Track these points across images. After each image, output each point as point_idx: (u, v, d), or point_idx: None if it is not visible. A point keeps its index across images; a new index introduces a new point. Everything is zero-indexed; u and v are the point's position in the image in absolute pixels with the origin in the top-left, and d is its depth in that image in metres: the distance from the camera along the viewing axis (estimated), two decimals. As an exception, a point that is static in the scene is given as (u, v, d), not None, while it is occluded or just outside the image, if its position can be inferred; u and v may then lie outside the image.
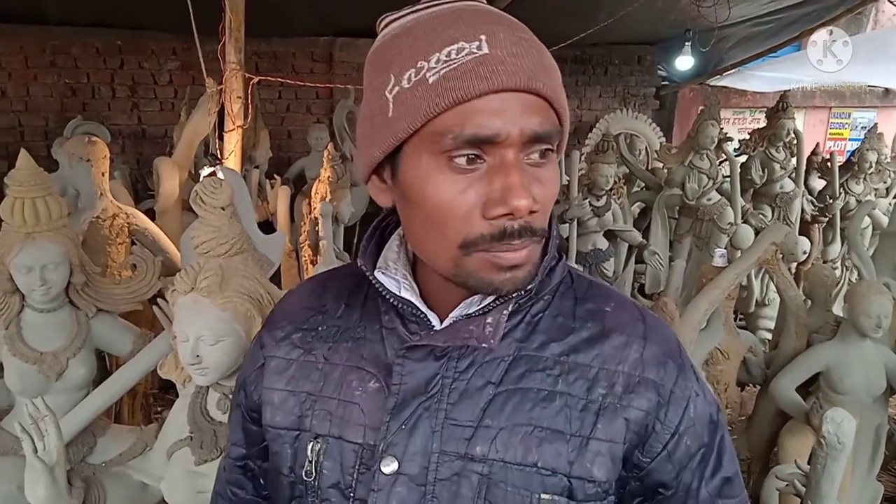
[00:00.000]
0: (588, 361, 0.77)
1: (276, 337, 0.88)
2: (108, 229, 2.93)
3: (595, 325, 0.79)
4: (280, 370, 0.86)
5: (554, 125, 0.70)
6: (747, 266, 2.73)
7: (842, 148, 8.69)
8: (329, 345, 0.83)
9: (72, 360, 2.06)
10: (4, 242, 1.94)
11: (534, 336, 0.78)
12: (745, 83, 7.31)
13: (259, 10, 3.51)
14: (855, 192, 5.05)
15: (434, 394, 0.76)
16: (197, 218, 1.54)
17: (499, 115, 0.66)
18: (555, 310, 0.80)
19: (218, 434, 1.55)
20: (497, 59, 0.66)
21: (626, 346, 0.78)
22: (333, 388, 0.81)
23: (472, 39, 0.67)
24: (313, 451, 0.80)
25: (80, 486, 1.75)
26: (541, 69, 0.68)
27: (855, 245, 3.17)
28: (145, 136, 5.76)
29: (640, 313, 0.82)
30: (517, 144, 0.67)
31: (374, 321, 0.82)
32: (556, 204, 4.03)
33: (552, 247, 0.79)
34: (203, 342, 1.42)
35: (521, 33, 0.69)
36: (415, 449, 0.75)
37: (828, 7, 5.67)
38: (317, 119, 6.05)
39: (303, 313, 0.88)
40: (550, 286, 0.80)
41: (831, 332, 2.64)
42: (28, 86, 5.35)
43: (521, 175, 0.67)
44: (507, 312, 0.76)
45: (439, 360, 0.76)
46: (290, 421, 0.83)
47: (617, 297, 0.83)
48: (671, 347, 0.80)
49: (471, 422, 0.75)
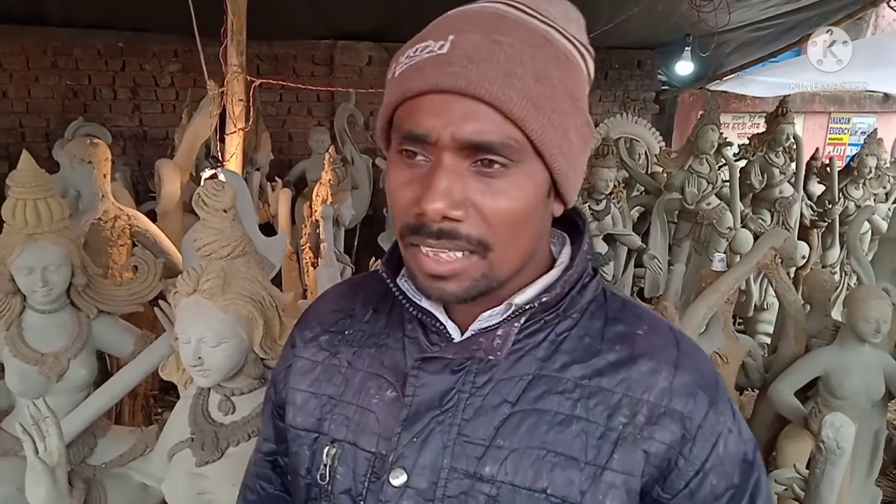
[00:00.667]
0: (611, 387, 0.72)
1: (304, 337, 0.89)
2: (109, 231, 2.93)
3: (623, 348, 0.74)
4: (305, 371, 0.86)
5: (504, 136, 0.65)
6: (746, 270, 2.74)
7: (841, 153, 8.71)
8: (354, 349, 0.83)
9: (73, 361, 2.06)
10: (6, 244, 1.94)
11: (556, 356, 0.74)
12: (744, 88, 7.32)
13: (261, 12, 3.52)
14: (854, 197, 5.06)
15: (449, 408, 0.74)
16: (198, 220, 1.54)
17: (435, 115, 0.65)
18: (582, 329, 0.76)
19: (219, 436, 1.56)
20: (447, 60, 0.65)
21: (654, 373, 0.73)
22: (353, 394, 0.80)
23: (440, 39, 0.67)
24: (329, 456, 0.80)
25: (80, 487, 1.75)
26: (497, 75, 0.64)
27: (854, 250, 3.18)
28: (147, 137, 5.76)
29: (676, 339, 0.77)
30: (451, 148, 0.65)
31: (398, 329, 0.81)
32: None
33: (580, 261, 0.76)
34: (205, 344, 1.43)
35: (499, 36, 0.66)
36: (424, 463, 0.73)
37: (828, 12, 5.68)
38: (318, 122, 6.05)
39: (333, 315, 0.88)
40: (580, 304, 0.77)
41: (830, 337, 2.64)
42: (29, 87, 5.35)
43: (447, 179, 0.65)
44: (518, 325, 0.74)
45: (456, 373, 0.75)
46: (311, 423, 0.83)
47: (651, 320, 0.78)
48: (705, 378, 0.75)
49: (483, 440, 0.72)
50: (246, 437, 1.55)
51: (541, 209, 0.71)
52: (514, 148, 0.66)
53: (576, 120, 0.70)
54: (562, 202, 0.75)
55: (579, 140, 0.71)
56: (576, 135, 0.70)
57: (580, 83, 0.71)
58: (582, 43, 0.72)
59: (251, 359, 1.52)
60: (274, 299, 1.55)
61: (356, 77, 6.12)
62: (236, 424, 1.56)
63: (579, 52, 0.71)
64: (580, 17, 0.74)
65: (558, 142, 0.68)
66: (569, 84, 0.68)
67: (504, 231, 0.68)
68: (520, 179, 0.67)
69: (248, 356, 1.51)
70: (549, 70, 0.67)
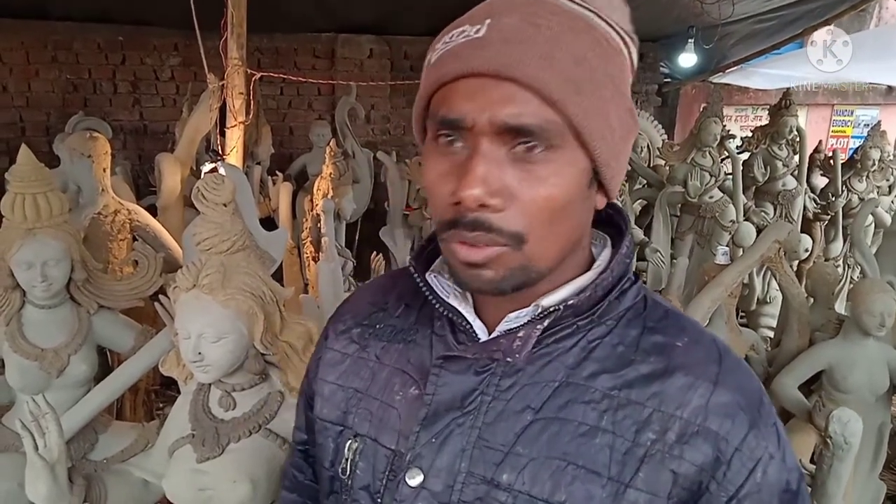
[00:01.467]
0: (642, 400, 0.68)
1: (337, 329, 0.88)
2: (109, 225, 2.92)
3: (659, 360, 0.70)
4: (334, 363, 0.86)
5: (542, 120, 0.63)
6: (750, 264, 2.72)
7: (844, 145, 8.69)
8: (383, 344, 0.82)
9: (73, 356, 2.05)
10: (5, 238, 1.93)
11: (586, 363, 0.71)
12: (747, 80, 7.29)
13: (261, 5, 3.50)
14: (858, 190, 5.05)
15: (470, 410, 0.72)
16: (198, 214, 1.53)
17: (470, 99, 0.64)
18: (616, 338, 0.72)
19: (219, 432, 1.55)
20: (483, 43, 0.63)
21: (689, 389, 0.68)
22: (378, 389, 0.80)
23: (477, 23, 0.65)
24: (350, 450, 0.79)
25: (81, 483, 1.74)
26: (534, 58, 0.62)
27: (858, 243, 3.16)
28: (147, 131, 5.75)
29: (719, 354, 0.72)
30: (488, 133, 0.63)
31: (427, 326, 0.80)
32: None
33: (617, 264, 0.73)
34: (205, 339, 1.42)
35: (538, 19, 0.64)
36: (441, 465, 0.71)
37: (831, 4, 5.65)
38: (319, 115, 6.03)
39: (367, 308, 0.88)
40: (617, 311, 0.73)
41: (834, 331, 2.63)
42: (29, 81, 5.34)
43: (484, 165, 0.63)
44: (540, 328, 0.71)
45: (480, 374, 0.72)
46: (336, 416, 0.83)
47: (694, 333, 0.74)
48: (748, 398, 0.69)
49: (502, 446, 0.70)
50: (247, 434, 1.54)
51: (581, 200, 0.69)
52: (553, 132, 0.63)
53: (617, 107, 0.67)
54: (604, 194, 0.72)
55: (621, 128, 0.68)
56: (618, 122, 0.67)
57: (622, 70, 0.69)
58: (625, 30, 0.70)
59: (252, 354, 1.51)
60: (274, 294, 1.54)
61: (357, 70, 6.10)
62: (237, 420, 1.56)
63: (622, 39, 0.69)
64: (624, 5, 0.71)
65: (599, 127, 0.65)
66: (610, 69, 0.66)
67: (541, 221, 0.66)
68: (560, 166, 0.65)
69: (248, 351, 1.50)
70: (589, 54, 0.65)
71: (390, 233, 4.43)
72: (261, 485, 1.51)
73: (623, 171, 0.72)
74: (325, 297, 2.56)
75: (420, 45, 6.34)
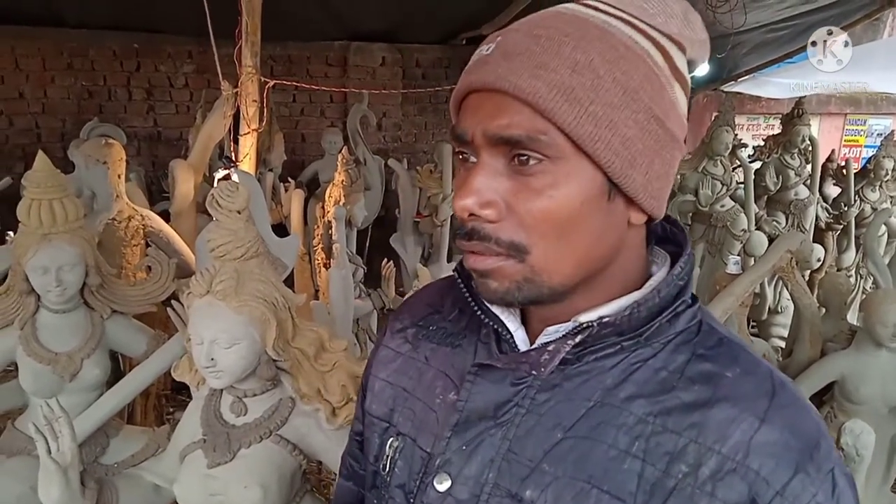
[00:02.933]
0: (679, 429, 0.64)
1: (394, 328, 0.90)
2: (123, 231, 2.94)
3: (704, 389, 0.65)
4: (387, 360, 0.87)
5: (532, 130, 0.62)
6: (761, 274, 2.71)
7: (857, 155, 8.64)
8: (433, 346, 0.83)
9: (86, 360, 2.07)
10: (21, 243, 1.95)
11: (624, 385, 0.68)
12: (759, 89, 7.26)
13: (275, 13, 3.52)
14: (870, 200, 5.01)
15: (503, 421, 0.71)
16: (211, 220, 1.55)
17: (471, 114, 0.66)
18: (661, 362, 0.68)
19: (231, 437, 1.55)
20: (486, 60, 0.65)
21: (732, 423, 0.63)
22: (423, 391, 0.81)
23: (491, 42, 0.67)
24: (392, 447, 0.80)
25: (93, 487, 1.75)
26: (527, 68, 0.62)
27: (871, 253, 3.14)
28: (161, 138, 5.79)
29: (773, 388, 0.66)
30: (485, 146, 0.65)
31: (475, 332, 0.80)
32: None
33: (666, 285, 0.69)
34: (218, 345, 1.43)
35: (540, 30, 0.63)
36: (469, 473, 0.71)
37: (844, 13, 5.62)
38: (331, 123, 6.07)
39: (424, 309, 0.89)
40: (667, 334, 0.69)
41: (846, 341, 2.61)
42: (45, 88, 5.39)
43: (480, 177, 0.65)
44: (571, 343, 0.68)
45: (516, 386, 0.71)
46: (383, 412, 0.84)
47: (748, 364, 0.68)
48: (801, 438, 0.63)
49: (530, 461, 0.68)
50: (258, 439, 1.54)
51: (595, 213, 0.65)
52: (544, 142, 0.62)
53: (633, 114, 0.63)
54: (639, 209, 0.68)
55: (643, 136, 0.64)
56: (636, 130, 0.64)
57: (644, 75, 0.64)
58: (668, 35, 0.67)
59: (264, 360, 1.52)
60: (287, 300, 1.55)
61: (369, 78, 6.13)
62: (248, 426, 1.56)
63: (654, 44, 0.66)
64: (688, 12, 0.68)
65: (604, 136, 0.62)
66: (620, 75, 0.63)
67: (542, 233, 0.64)
68: (558, 178, 0.63)
69: (260, 357, 1.51)
70: (593, 61, 0.62)
71: (401, 240, 4.44)
72: (271, 490, 1.52)
73: (661, 182, 0.68)
74: (335, 303, 2.57)
75: (431, 53, 6.37)
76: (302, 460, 1.61)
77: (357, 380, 1.61)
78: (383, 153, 5.41)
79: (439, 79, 6.37)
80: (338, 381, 1.57)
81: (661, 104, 0.65)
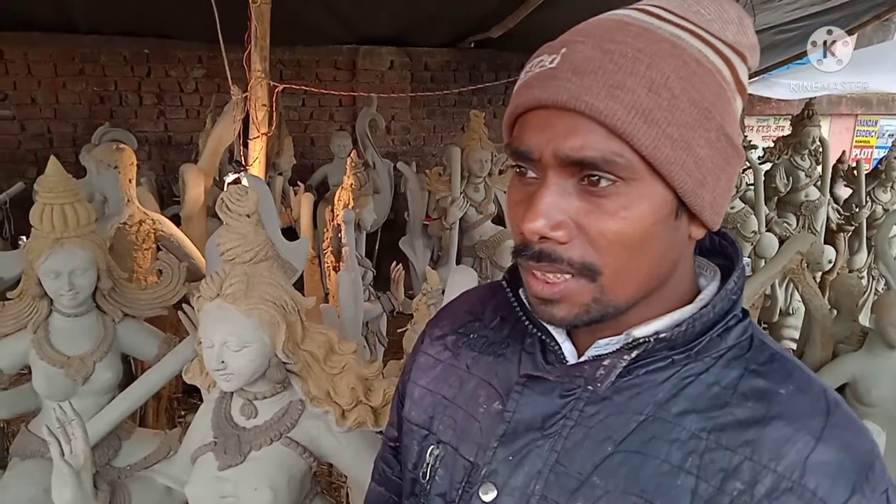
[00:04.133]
0: (733, 446, 0.63)
1: (433, 335, 0.89)
2: (134, 235, 2.96)
3: (758, 406, 0.65)
4: (427, 367, 0.87)
5: (607, 152, 0.60)
6: (772, 275, 2.70)
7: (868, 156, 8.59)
8: (474, 354, 0.83)
9: (98, 364, 2.09)
10: (34, 248, 1.97)
11: (676, 400, 0.67)
12: (769, 90, 7.25)
13: (284, 18, 3.54)
14: (882, 201, 4.98)
15: (551, 433, 0.70)
16: (221, 224, 1.56)
17: (538, 131, 0.63)
18: (713, 377, 0.67)
19: (241, 440, 1.56)
20: (553, 74, 0.62)
21: (787, 441, 0.62)
22: (464, 399, 0.80)
23: (553, 52, 0.64)
24: (432, 455, 0.80)
25: (105, 489, 1.77)
26: (602, 87, 0.60)
27: (883, 254, 3.12)
28: (171, 143, 5.82)
29: (827, 406, 0.65)
30: (555, 166, 0.62)
31: (518, 342, 0.79)
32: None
33: (720, 300, 0.68)
34: (228, 348, 1.44)
35: (611, 45, 0.61)
36: (516, 484, 0.70)
37: (854, 14, 5.60)
38: (340, 126, 6.08)
39: (464, 316, 0.88)
40: (718, 348, 0.68)
41: (857, 343, 2.60)
42: (57, 93, 5.43)
43: (549, 197, 0.62)
44: (627, 358, 0.68)
45: (564, 398, 0.71)
46: (423, 420, 0.83)
47: (801, 380, 0.67)
48: (856, 459, 0.62)
49: (580, 474, 0.67)
50: (268, 442, 1.55)
51: (664, 232, 0.65)
52: (620, 164, 0.61)
53: (706, 133, 0.62)
54: (700, 224, 0.68)
55: (713, 155, 0.63)
56: (707, 149, 0.63)
57: (716, 91, 0.63)
58: (731, 46, 0.65)
59: (273, 363, 1.53)
60: (296, 304, 1.55)
61: (378, 82, 6.15)
62: (259, 429, 1.57)
63: (722, 57, 0.65)
64: (742, 17, 0.67)
65: (679, 157, 0.62)
66: (695, 94, 0.61)
67: (614, 254, 0.63)
68: (631, 199, 0.62)
69: (270, 360, 1.52)
70: (669, 79, 0.61)
71: (410, 243, 4.45)
72: (281, 492, 1.53)
73: (724, 198, 0.68)
74: (345, 306, 2.58)
75: (440, 57, 6.38)
76: (312, 462, 1.62)
77: (366, 382, 1.62)
78: (392, 156, 5.42)
79: (448, 82, 6.38)
80: (347, 383, 1.58)
81: (730, 120, 0.65)
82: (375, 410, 1.61)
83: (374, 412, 1.61)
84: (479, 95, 6.33)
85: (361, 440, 1.62)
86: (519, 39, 5.36)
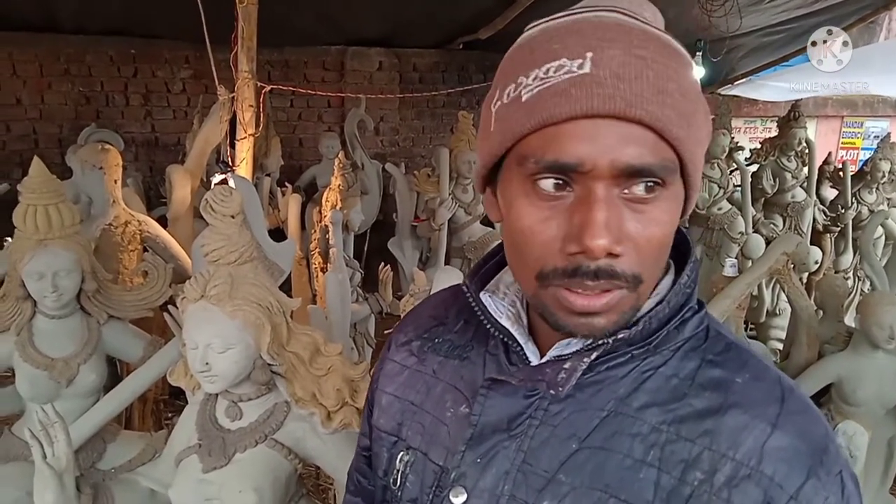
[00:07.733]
0: (692, 437, 0.64)
1: (398, 341, 0.89)
2: (120, 236, 2.94)
3: (715, 396, 0.66)
4: (393, 374, 0.86)
5: (661, 158, 0.60)
6: (758, 276, 2.72)
7: (854, 157, 8.66)
8: (440, 359, 0.82)
9: (83, 366, 2.07)
10: (17, 249, 1.95)
11: (637, 394, 0.68)
12: (756, 92, 7.28)
13: (271, 19, 3.53)
14: (867, 202, 5.02)
15: (517, 434, 0.70)
16: (208, 226, 1.55)
17: (588, 142, 0.59)
18: (671, 369, 0.68)
19: (226, 442, 1.55)
20: (595, 81, 0.59)
21: (744, 429, 0.64)
22: (432, 404, 0.80)
23: (576, 57, 0.60)
24: (402, 462, 0.80)
25: (88, 492, 1.75)
26: (651, 94, 0.59)
27: (868, 255, 3.14)
28: (158, 143, 5.80)
29: (782, 393, 0.67)
30: (607, 177, 0.60)
31: (482, 344, 0.79)
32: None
33: (675, 294, 0.69)
34: (212, 350, 1.43)
35: (640, 51, 0.60)
36: (485, 486, 0.71)
37: (840, 16, 5.64)
38: (328, 127, 6.07)
39: (428, 321, 0.88)
40: (676, 341, 0.69)
41: (843, 343, 2.61)
42: (42, 93, 5.40)
43: (606, 211, 0.60)
44: (587, 361, 0.68)
45: (529, 398, 0.71)
46: (391, 426, 0.83)
47: (756, 369, 0.69)
48: (811, 443, 0.64)
49: (546, 472, 0.68)
50: (253, 444, 1.54)
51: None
52: (670, 169, 0.61)
53: (707, 135, 0.65)
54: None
55: (702, 155, 0.66)
56: (703, 150, 0.65)
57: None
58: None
59: (258, 365, 1.52)
60: (282, 305, 1.55)
61: (366, 82, 6.15)
62: (243, 430, 1.56)
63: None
64: (655, 12, 0.67)
65: (700, 158, 0.64)
66: (700, 93, 0.64)
67: (653, 260, 0.64)
68: (669, 204, 0.63)
69: (255, 362, 1.51)
70: (689, 83, 0.62)
71: (399, 244, 4.45)
72: (266, 494, 1.52)
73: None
74: (332, 307, 2.57)
75: (428, 58, 6.38)
76: (297, 464, 1.61)
77: (352, 384, 1.61)
78: (381, 157, 5.42)
79: (436, 83, 6.38)
80: (333, 384, 1.57)
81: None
82: (361, 412, 1.60)
83: (359, 414, 1.60)
84: (468, 97, 6.34)
85: (346, 442, 1.62)
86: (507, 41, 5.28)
